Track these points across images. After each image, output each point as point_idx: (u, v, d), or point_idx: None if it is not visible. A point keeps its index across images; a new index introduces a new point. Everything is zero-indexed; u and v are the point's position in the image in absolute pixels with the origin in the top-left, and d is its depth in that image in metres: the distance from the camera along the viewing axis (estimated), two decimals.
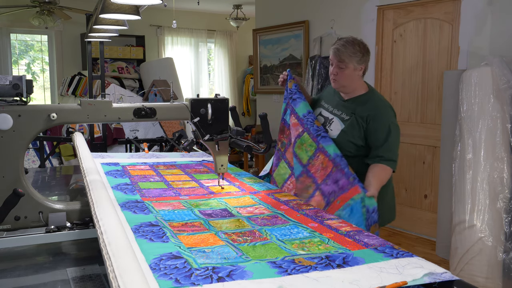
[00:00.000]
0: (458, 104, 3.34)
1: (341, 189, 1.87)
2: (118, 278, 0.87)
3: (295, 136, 2.13)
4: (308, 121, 2.13)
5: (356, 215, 1.78)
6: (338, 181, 1.90)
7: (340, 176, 1.91)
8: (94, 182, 1.58)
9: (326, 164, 1.97)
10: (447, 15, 3.95)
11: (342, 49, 2.20)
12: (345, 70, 2.18)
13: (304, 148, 2.07)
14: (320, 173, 1.97)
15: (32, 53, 7.78)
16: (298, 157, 2.08)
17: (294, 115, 2.19)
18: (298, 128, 2.14)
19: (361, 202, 1.80)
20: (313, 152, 2.03)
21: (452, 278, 1.11)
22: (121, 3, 1.77)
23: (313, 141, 2.05)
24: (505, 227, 3.03)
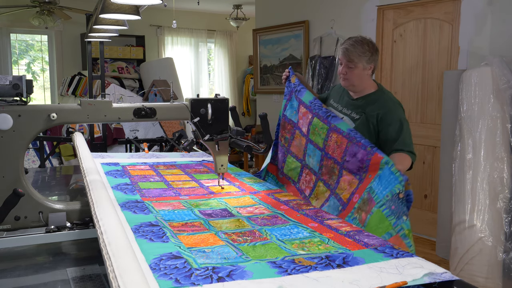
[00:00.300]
0: (458, 104, 3.34)
1: (362, 162, 1.82)
2: (118, 278, 0.87)
3: (307, 124, 2.13)
4: (315, 106, 2.13)
5: (385, 176, 1.70)
6: (356, 154, 1.85)
7: (356, 149, 1.86)
8: (94, 182, 1.58)
9: (340, 141, 1.94)
10: (447, 15, 3.95)
11: (351, 48, 2.20)
12: (355, 69, 2.20)
13: (317, 132, 2.07)
14: (337, 152, 1.95)
15: (32, 52, 7.78)
16: (315, 143, 2.07)
17: (303, 104, 2.20)
18: (308, 116, 2.14)
19: (388, 164, 1.73)
20: (325, 133, 2.02)
21: (452, 278, 1.11)
22: (121, 3, 1.77)
23: (323, 124, 2.04)
24: (505, 227, 3.03)
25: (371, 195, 1.71)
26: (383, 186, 1.68)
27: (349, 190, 1.86)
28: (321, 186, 2.02)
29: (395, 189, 1.64)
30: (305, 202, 1.82)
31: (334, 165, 1.96)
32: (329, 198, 1.95)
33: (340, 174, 1.93)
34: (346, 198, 1.85)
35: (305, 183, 2.12)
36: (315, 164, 2.07)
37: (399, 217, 1.60)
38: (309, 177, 2.11)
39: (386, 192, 1.66)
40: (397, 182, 1.65)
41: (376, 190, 1.70)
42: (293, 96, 2.30)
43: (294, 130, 2.25)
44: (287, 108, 2.32)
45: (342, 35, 4.74)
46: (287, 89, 2.36)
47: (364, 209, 1.71)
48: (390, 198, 1.63)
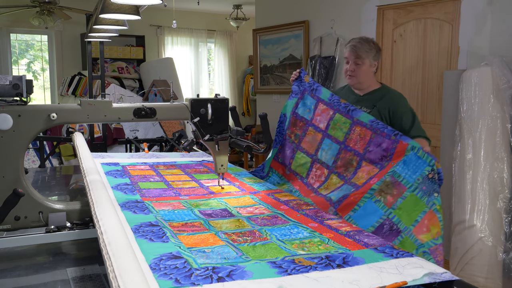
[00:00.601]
0: (458, 104, 3.33)
1: (387, 151, 1.91)
2: (118, 278, 0.87)
3: (327, 120, 2.19)
4: (335, 102, 2.19)
5: (412, 161, 1.81)
6: (381, 144, 1.94)
7: (381, 139, 1.95)
8: (94, 182, 1.58)
9: (364, 133, 2.02)
10: (447, 15, 3.95)
11: (359, 45, 2.31)
12: (362, 66, 2.29)
13: (338, 127, 2.13)
14: (360, 144, 2.02)
15: (32, 52, 7.78)
16: (334, 137, 2.14)
17: (322, 102, 2.25)
18: (329, 112, 2.20)
19: (412, 150, 1.83)
20: (348, 127, 2.09)
21: (452, 278, 1.11)
22: (121, 3, 1.77)
23: (346, 118, 2.11)
24: (505, 227, 3.03)
25: (396, 179, 1.80)
26: (412, 171, 1.79)
27: (366, 178, 1.94)
28: (334, 178, 2.07)
29: (424, 171, 1.77)
30: (305, 202, 1.82)
31: (353, 157, 2.03)
32: (341, 187, 2.01)
33: (359, 165, 2.00)
34: (362, 182, 1.93)
35: (315, 177, 2.16)
36: (328, 158, 2.14)
37: (430, 194, 1.73)
38: (320, 171, 2.15)
39: (416, 176, 1.77)
40: (426, 165, 1.77)
41: (403, 174, 1.80)
42: (307, 95, 2.33)
43: (306, 127, 2.29)
44: (298, 106, 2.35)
45: (342, 35, 4.74)
46: (297, 88, 2.39)
47: (389, 192, 1.80)
48: (421, 181, 1.76)
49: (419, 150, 1.82)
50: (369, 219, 1.80)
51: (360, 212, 1.83)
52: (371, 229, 1.76)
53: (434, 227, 1.67)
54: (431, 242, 1.64)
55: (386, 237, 1.71)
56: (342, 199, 1.89)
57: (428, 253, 1.61)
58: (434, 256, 1.60)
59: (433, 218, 1.68)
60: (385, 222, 1.76)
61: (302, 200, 1.84)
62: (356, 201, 1.85)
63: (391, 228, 1.73)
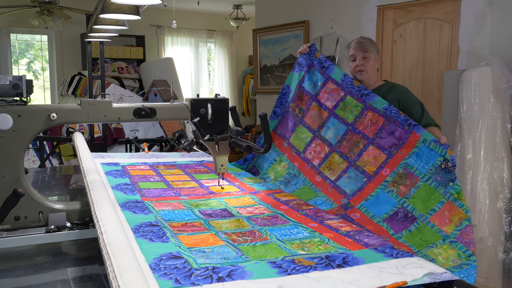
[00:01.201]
0: (458, 104, 3.33)
1: (399, 140, 1.94)
2: (118, 278, 0.87)
3: (337, 100, 2.20)
4: (347, 84, 2.20)
5: (425, 153, 1.84)
6: (394, 132, 1.97)
7: (394, 127, 1.98)
8: (94, 182, 1.58)
9: (377, 119, 2.04)
10: (447, 15, 3.95)
11: (364, 40, 2.43)
12: (369, 60, 2.38)
13: (348, 109, 2.15)
14: (371, 128, 2.04)
15: (32, 51, 7.78)
16: (341, 118, 2.16)
17: (332, 81, 2.26)
18: (340, 93, 2.21)
19: (425, 143, 1.86)
20: (359, 111, 2.11)
21: (452, 278, 1.11)
22: (121, 3, 1.77)
23: (358, 102, 2.13)
24: (505, 227, 3.03)
25: (409, 171, 1.84)
26: (424, 162, 1.82)
27: (375, 164, 1.96)
28: (336, 158, 2.10)
29: (437, 162, 1.79)
30: (305, 202, 1.81)
31: (360, 139, 2.05)
32: (348, 170, 2.03)
33: (365, 148, 2.02)
34: (373, 171, 1.95)
35: (314, 153, 2.18)
36: (332, 137, 2.16)
37: (446, 184, 1.75)
38: (320, 147, 2.17)
39: (429, 166, 1.80)
40: (438, 155, 1.80)
41: (416, 165, 1.83)
42: (314, 70, 2.34)
43: (311, 101, 2.30)
44: (305, 80, 2.36)
45: (342, 35, 4.74)
46: (305, 61, 2.39)
47: (403, 183, 1.84)
48: (434, 171, 1.78)
49: (430, 143, 1.84)
50: (382, 207, 1.82)
51: (372, 201, 1.86)
52: (385, 216, 1.78)
53: (455, 216, 1.68)
54: (456, 230, 1.65)
55: (401, 223, 1.73)
56: (357, 192, 1.93)
57: (454, 241, 1.62)
58: (461, 241, 1.61)
59: (452, 209, 1.69)
60: (399, 210, 1.78)
61: (302, 200, 1.84)
62: (370, 192, 1.89)
63: (405, 215, 1.75)
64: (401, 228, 1.72)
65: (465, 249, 1.58)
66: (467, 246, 1.58)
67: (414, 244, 1.64)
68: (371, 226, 1.75)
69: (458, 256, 1.57)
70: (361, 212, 1.85)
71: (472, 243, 1.59)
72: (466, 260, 1.54)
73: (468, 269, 1.51)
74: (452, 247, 1.60)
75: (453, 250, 1.59)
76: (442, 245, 1.63)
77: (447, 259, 1.56)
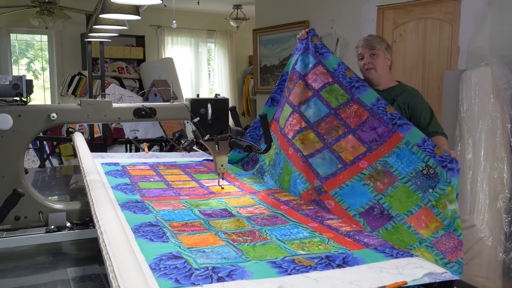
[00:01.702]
0: (458, 104, 3.33)
1: (381, 137, 1.94)
2: (118, 278, 0.87)
3: (324, 83, 2.20)
4: (339, 74, 2.19)
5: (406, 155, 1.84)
6: (376, 129, 1.97)
7: (377, 123, 1.98)
8: (94, 182, 1.58)
9: (361, 113, 2.04)
10: (447, 15, 3.95)
11: (371, 38, 2.39)
12: (378, 58, 2.33)
13: (334, 95, 2.15)
14: (353, 119, 2.04)
15: (32, 51, 7.78)
16: (326, 100, 2.15)
17: (323, 66, 2.25)
18: (328, 78, 2.20)
19: (407, 145, 1.86)
20: (345, 101, 2.11)
21: (452, 278, 1.11)
22: (121, 3, 1.77)
23: (345, 92, 2.13)
24: (505, 227, 3.03)
25: (388, 169, 1.84)
26: (405, 164, 1.82)
27: (352, 153, 1.96)
28: (312, 136, 2.09)
29: (418, 167, 1.80)
30: (305, 202, 1.81)
31: (340, 126, 2.05)
32: (322, 150, 2.03)
33: (344, 135, 2.02)
34: (349, 159, 1.95)
35: (289, 126, 2.18)
36: (312, 115, 2.15)
37: (425, 190, 1.75)
38: (296, 121, 2.17)
39: (409, 169, 1.80)
40: (419, 161, 1.80)
41: (396, 166, 1.84)
42: (307, 53, 2.33)
43: (297, 80, 2.29)
44: (298, 62, 2.36)
45: (342, 35, 4.74)
46: (301, 45, 2.39)
47: (380, 179, 1.84)
48: (414, 175, 1.79)
49: (413, 147, 1.84)
50: (357, 199, 1.83)
51: (347, 190, 1.87)
52: (360, 210, 1.79)
53: (432, 223, 1.69)
54: (431, 237, 1.65)
55: (377, 220, 1.73)
56: (330, 176, 1.92)
57: (430, 247, 1.62)
58: (437, 248, 1.61)
59: (429, 215, 1.70)
60: (375, 206, 1.78)
61: (302, 200, 1.84)
62: (344, 180, 1.89)
63: (381, 212, 1.76)
64: (377, 225, 1.73)
65: (441, 256, 1.58)
66: (443, 254, 1.58)
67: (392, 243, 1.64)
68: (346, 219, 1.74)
69: (435, 261, 1.57)
70: (335, 200, 1.86)
71: (449, 252, 1.58)
72: (443, 266, 1.53)
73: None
74: (428, 251, 1.61)
75: (429, 254, 1.60)
76: (419, 248, 1.63)
77: None
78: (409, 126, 1.92)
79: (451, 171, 1.75)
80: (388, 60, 2.37)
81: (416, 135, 1.89)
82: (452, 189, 1.73)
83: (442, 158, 1.78)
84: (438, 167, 1.77)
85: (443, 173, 1.76)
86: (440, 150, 1.82)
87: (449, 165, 1.76)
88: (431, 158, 1.79)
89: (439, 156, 1.79)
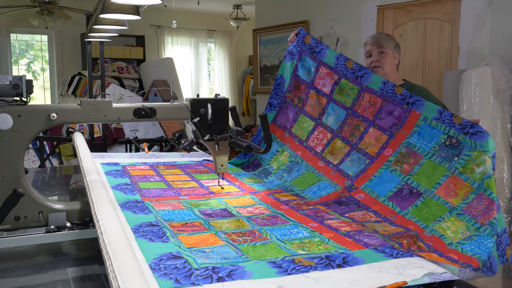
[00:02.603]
0: (458, 104, 3.34)
1: (399, 119, 1.92)
2: (118, 278, 0.87)
3: (332, 84, 2.19)
4: (341, 67, 2.17)
5: (426, 132, 1.82)
6: (393, 112, 1.95)
7: (392, 107, 1.96)
8: (94, 182, 1.58)
9: (374, 101, 2.03)
10: (447, 15, 3.95)
11: (380, 36, 2.35)
12: (386, 56, 2.30)
13: (345, 93, 2.14)
14: (370, 110, 2.03)
15: (32, 52, 7.78)
16: (340, 102, 2.15)
17: (324, 65, 2.24)
18: (334, 76, 2.19)
19: (426, 121, 1.84)
20: (356, 93, 2.10)
21: (452, 278, 1.11)
22: (121, 3, 1.77)
23: (353, 84, 2.11)
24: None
25: (412, 150, 1.83)
26: (427, 140, 1.81)
27: (376, 145, 1.95)
28: (339, 143, 2.10)
29: (440, 139, 1.78)
30: (305, 202, 1.81)
31: (360, 122, 2.05)
32: (350, 153, 2.03)
33: (366, 131, 2.02)
34: (375, 152, 1.94)
35: (317, 141, 2.18)
36: (333, 123, 2.15)
37: (451, 159, 1.73)
38: (323, 135, 2.17)
39: (432, 144, 1.78)
40: (440, 133, 1.78)
41: (419, 144, 1.82)
42: (305, 56, 2.32)
43: (308, 90, 2.29)
44: (298, 68, 2.34)
45: (342, 35, 4.74)
46: (295, 49, 2.37)
47: (406, 161, 1.83)
48: (438, 149, 1.77)
49: (432, 121, 1.82)
50: (386, 186, 1.81)
51: (376, 181, 1.85)
52: (389, 194, 1.77)
53: (461, 189, 1.66)
54: (462, 203, 1.62)
55: (407, 200, 1.71)
56: (360, 173, 1.92)
57: (462, 214, 1.60)
58: (468, 213, 1.58)
59: (458, 182, 1.67)
60: (403, 187, 1.76)
61: (302, 200, 1.84)
62: (373, 172, 1.88)
63: (410, 192, 1.74)
64: (407, 204, 1.70)
65: (473, 221, 1.54)
66: (475, 218, 1.54)
67: (421, 219, 1.62)
68: (377, 206, 1.74)
69: (466, 228, 1.53)
70: (365, 192, 1.84)
71: (480, 215, 1.54)
72: (475, 231, 1.50)
73: (478, 240, 1.46)
74: (459, 219, 1.57)
75: (460, 222, 1.56)
76: (450, 217, 1.60)
77: (456, 232, 1.53)
78: (421, 102, 1.90)
79: (474, 136, 1.71)
80: (396, 60, 2.35)
81: (431, 109, 1.86)
82: (479, 153, 1.68)
83: (462, 126, 1.75)
84: (460, 135, 1.74)
85: (466, 140, 1.72)
86: (459, 118, 1.79)
87: (471, 130, 1.72)
88: (451, 128, 1.76)
89: (458, 124, 1.76)
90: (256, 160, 2.41)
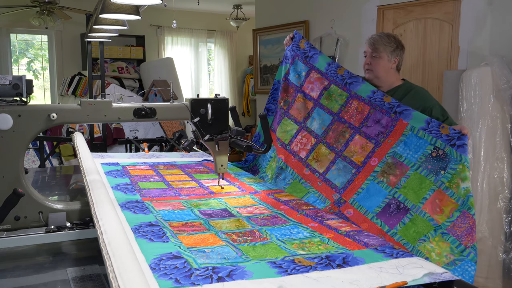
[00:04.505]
0: (458, 104, 3.34)
1: (386, 128, 1.91)
2: (118, 278, 0.87)
3: (321, 89, 2.18)
4: (332, 73, 2.17)
5: (413, 142, 1.81)
6: (380, 120, 1.94)
7: (380, 115, 1.95)
8: (94, 182, 1.58)
9: (362, 108, 2.02)
10: (447, 15, 3.95)
11: (377, 38, 2.28)
12: (379, 60, 2.25)
13: (333, 99, 2.13)
14: (356, 117, 2.02)
15: (32, 51, 7.78)
16: (327, 107, 2.14)
17: (315, 70, 2.23)
18: (324, 82, 2.18)
19: (413, 131, 1.82)
20: (344, 100, 2.08)
21: (452, 278, 1.11)
22: (121, 3, 1.77)
23: (342, 91, 2.10)
24: (505, 227, 3.03)
25: (398, 160, 1.81)
26: (413, 151, 1.79)
27: (362, 154, 1.93)
28: (323, 149, 2.08)
29: (427, 150, 1.76)
30: (305, 202, 1.81)
31: (346, 129, 2.03)
32: (336, 161, 2.01)
33: (351, 138, 2.00)
34: (360, 161, 1.92)
35: (300, 145, 2.16)
36: (318, 127, 2.13)
37: (437, 173, 1.72)
38: (306, 139, 2.16)
39: (418, 155, 1.77)
40: (427, 144, 1.76)
41: (405, 155, 1.80)
42: (297, 60, 2.31)
43: (296, 93, 2.28)
44: (290, 72, 2.34)
45: (342, 35, 4.74)
46: (289, 53, 2.37)
47: (392, 172, 1.81)
48: (424, 160, 1.75)
49: (419, 131, 1.80)
50: (373, 200, 1.80)
51: (363, 194, 1.84)
52: (378, 210, 1.76)
53: (446, 206, 1.66)
54: (447, 222, 1.63)
55: (394, 216, 1.71)
56: (347, 185, 1.91)
57: (446, 233, 1.60)
58: (453, 233, 1.58)
59: (443, 198, 1.67)
60: (391, 202, 1.75)
61: (302, 200, 1.84)
62: (360, 184, 1.87)
63: (398, 206, 1.73)
64: (395, 222, 1.71)
65: (457, 243, 1.56)
66: (459, 240, 1.56)
67: (409, 240, 1.63)
68: (365, 224, 1.73)
69: (451, 250, 1.55)
70: (354, 207, 1.84)
71: (464, 236, 1.56)
72: (459, 255, 1.52)
73: (462, 266, 1.49)
74: (444, 240, 1.58)
75: (445, 243, 1.57)
76: (434, 237, 1.60)
77: (440, 255, 1.55)
78: (409, 112, 1.88)
79: (460, 148, 1.71)
80: (393, 63, 2.27)
81: (419, 118, 1.85)
82: (464, 166, 1.68)
83: (449, 137, 1.74)
84: (446, 146, 1.73)
85: (453, 152, 1.71)
86: (446, 128, 1.77)
87: (457, 142, 1.72)
88: (438, 139, 1.75)
89: (445, 135, 1.75)
90: (255, 166, 2.41)
